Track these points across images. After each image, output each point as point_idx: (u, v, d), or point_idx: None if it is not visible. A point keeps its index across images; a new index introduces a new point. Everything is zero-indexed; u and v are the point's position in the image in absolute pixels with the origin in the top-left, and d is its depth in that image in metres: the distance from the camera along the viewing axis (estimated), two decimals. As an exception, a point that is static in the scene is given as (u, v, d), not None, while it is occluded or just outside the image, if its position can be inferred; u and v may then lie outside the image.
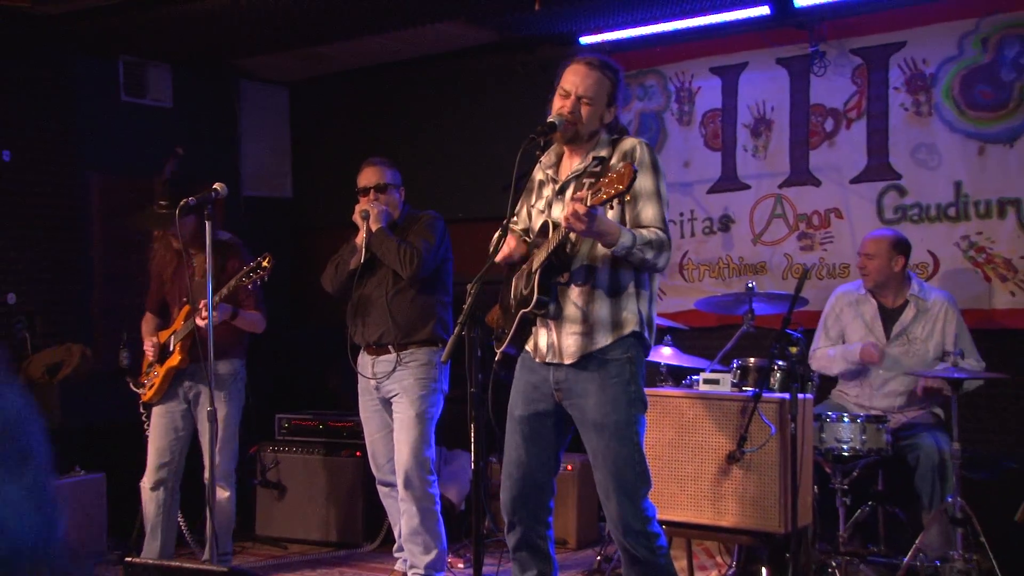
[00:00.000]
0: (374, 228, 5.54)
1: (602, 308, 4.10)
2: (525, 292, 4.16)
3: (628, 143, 4.19)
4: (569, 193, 4.14)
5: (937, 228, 6.38)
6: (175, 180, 5.25)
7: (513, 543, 4.35)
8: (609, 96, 4.19)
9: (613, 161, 4.12)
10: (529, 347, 4.28)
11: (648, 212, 4.06)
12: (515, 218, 4.50)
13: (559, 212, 4.13)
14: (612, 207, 3.97)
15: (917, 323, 5.77)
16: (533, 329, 4.25)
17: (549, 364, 4.19)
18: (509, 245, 4.19)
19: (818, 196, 6.78)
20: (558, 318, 4.13)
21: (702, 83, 7.22)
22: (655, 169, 4.10)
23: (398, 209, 5.74)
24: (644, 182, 4.04)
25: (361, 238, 5.61)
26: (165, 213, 5.20)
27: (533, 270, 4.13)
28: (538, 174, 4.43)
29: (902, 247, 5.80)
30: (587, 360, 4.08)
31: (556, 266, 4.09)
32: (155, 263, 6.02)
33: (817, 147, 6.81)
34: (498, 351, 4.27)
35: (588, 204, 3.72)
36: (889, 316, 5.85)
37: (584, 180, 4.02)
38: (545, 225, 4.17)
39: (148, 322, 6.13)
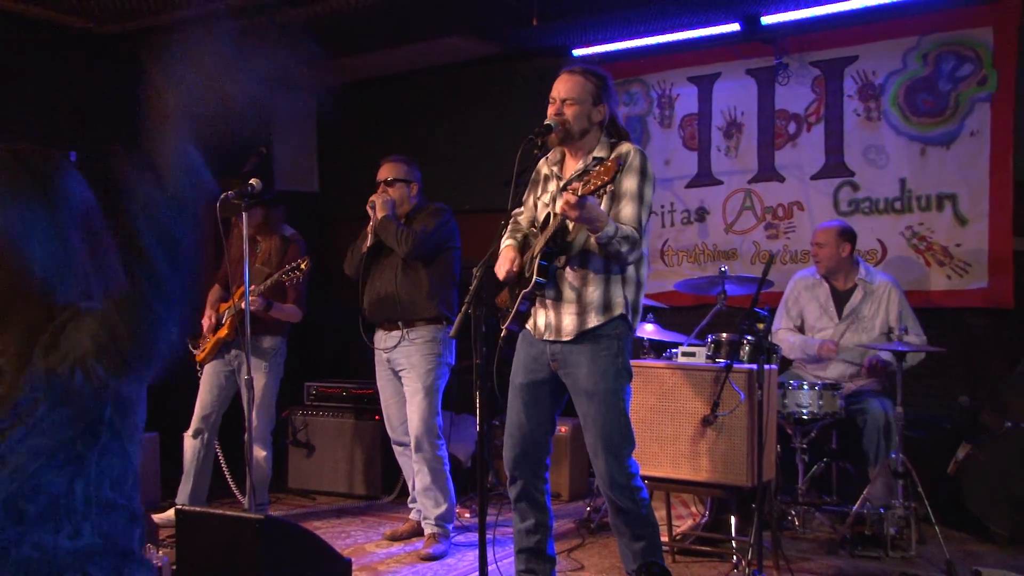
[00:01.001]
0: (379, 216, 5.58)
1: (595, 292, 4.13)
2: (526, 275, 4.21)
3: (625, 147, 4.19)
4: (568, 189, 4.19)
5: (885, 219, 6.47)
6: (250, 175, 5.34)
7: (514, 495, 4.39)
8: (594, 96, 4.19)
9: (608, 160, 4.16)
10: (529, 325, 4.30)
11: (627, 211, 4.09)
12: (521, 208, 4.53)
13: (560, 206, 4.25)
14: (600, 198, 4.03)
15: (865, 303, 5.86)
16: (533, 309, 4.28)
17: (546, 341, 4.23)
18: (509, 259, 4.22)
19: (782, 191, 6.86)
20: (557, 300, 4.16)
21: (681, 91, 7.28)
22: (642, 174, 4.12)
23: (408, 201, 5.72)
24: (629, 184, 4.09)
25: (371, 227, 5.67)
26: (235, 203, 5.21)
27: (534, 255, 4.18)
28: (544, 169, 4.44)
29: (848, 235, 5.90)
30: (581, 337, 4.12)
31: (554, 251, 4.13)
32: (231, 245, 5.96)
33: (781, 147, 6.89)
34: (503, 328, 4.32)
35: (579, 193, 3.79)
36: (840, 298, 5.93)
37: (583, 178, 4.08)
38: (548, 217, 4.23)
39: (214, 292, 6.19)
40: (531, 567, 4.44)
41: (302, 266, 5.69)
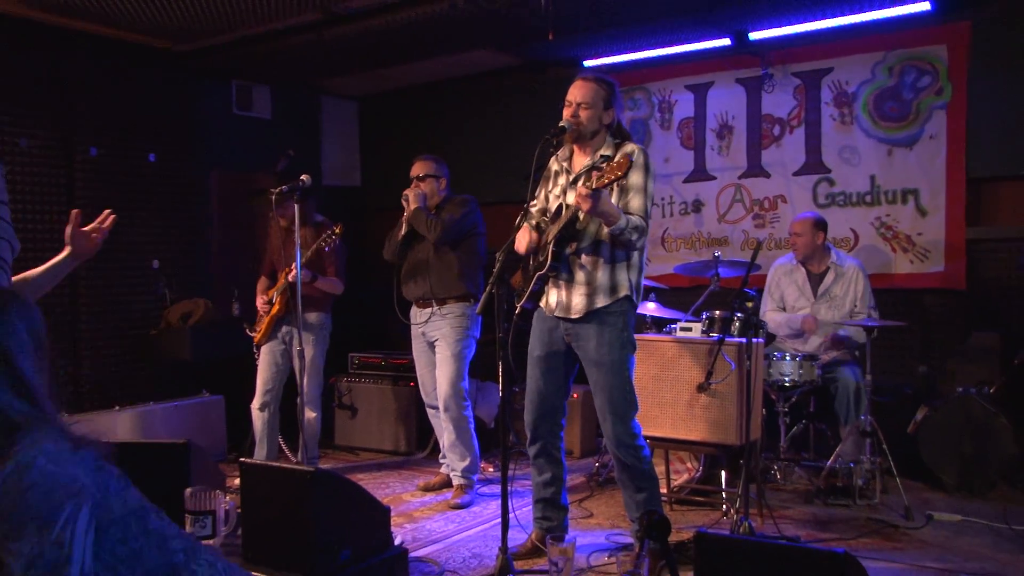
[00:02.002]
0: (411, 207, 5.61)
1: (603, 275, 4.17)
2: (541, 259, 4.25)
3: (630, 147, 4.20)
4: (580, 183, 4.18)
5: (857, 211, 6.48)
6: (285, 173, 5.42)
7: (534, 452, 4.46)
8: (604, 101, 4.22)
9: (615, 160, 4.09)
10: (542, 304, 4.35)
11: (635, 202, 4.11)
12: (535, 200, 4.50)
13: (572, 198, 4.19)
14: (612, 191, 4.09)
15: (836, 284, 5.86)
16: (546, 288, 4.33)
17: (558, 318, 4.28)
18: (529, 237, 4.24)
19: (768, 185, 6.85)
20: (569, 281, 4.21)
21: (679, 97, 7.26)
22: (647, 170, 4.15)
23: (437, 194, 5.72)
24: (636, 179, 4.12)
25: (405, 217, 5.67)
26: (275, 197, 5.31)
27: (548, 241, 4.22)
28: (554, 165, 4.44)
29: (821, 225, 5.92)
30: (589, 315, 4.17)
31: (566, 237, 4.18)
32: (270, 238, 6.09)
33: (767, 147, 6.87)
34: (518, 306, 4.34)
35: (593, 186, 3.86)
36: (815, 280, 5.93)
37: (592, 173, 4.11)
38: (560, 208, 4.26)
39: (261, 283, 6.18)
40: (547, 515, 4.52)
41: (336, 231, 5.72)
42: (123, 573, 1.71)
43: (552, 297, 4.30)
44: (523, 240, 4.29)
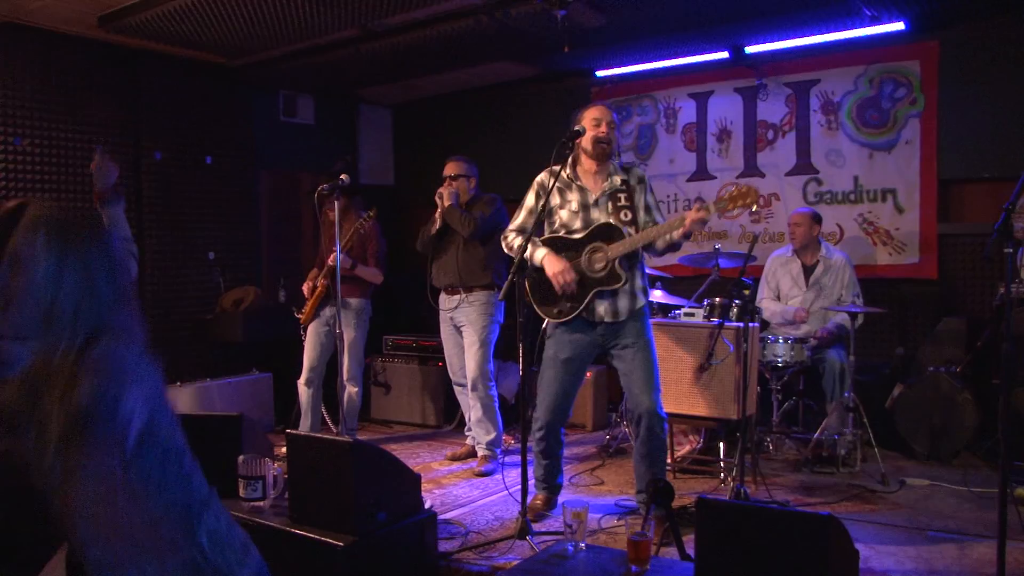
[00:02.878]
0: (445, 204, 5.61)
1: (638, 279, 4.32)
2: (603, 276, 4.25)
3: (637, 171, 4.42)
4: (606, 205, 4.29)
5: (842, 208, 6.47)
6: (337, 172, 5.45)
7: (545, 441, 4.53)
8: (617, 126, 4.46)
9: (632, 183, 4.37)
10: (584, 314, 4.33)
11: (659, 216, 4.38)
12: (533, 217, 4.44)
13: (597, 215, 4.32)
14: (629, 210, 4.27)
15: (826, 275, 5.85)
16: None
17: (606, 323, 4.32)
18: (566, 270, 4.22)
19: (763, 184, 6.80)
20: (616, 292, 4.27)
21: (682, 104, 7.23)
22: (652, 188, 4.42)
23: (467, 192, 5.72)
24: (652, 198, 4.39)
25: (439, 213, 5.67)
26: (317, 195, 5.34)
27: (610, 258, 4.23)
28: (550, 182, 4.38)
29: (817, 219, 5.92)
30: (631, 314, 4.32)
31: (631, 254, 4.26)
32: (323, 227, 6.07)
33: (762, 150, 6.85)
34: (561, 319, 4.33)
35: (713, 211, 4.02)
36: (807, 270, 5.92)
37: (619, 195, 4.29)
38: (608, 225, 4.27)
39: (313, 272, 6.12)
40: (550, 483, 4.64)
41: (370, 214, 5.76)
42: (149, 490, 1.67)
43: (601, 307, 4.31)
44: (556, 267, 4.27)
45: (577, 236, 4.36)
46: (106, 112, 6.58)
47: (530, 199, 4.53)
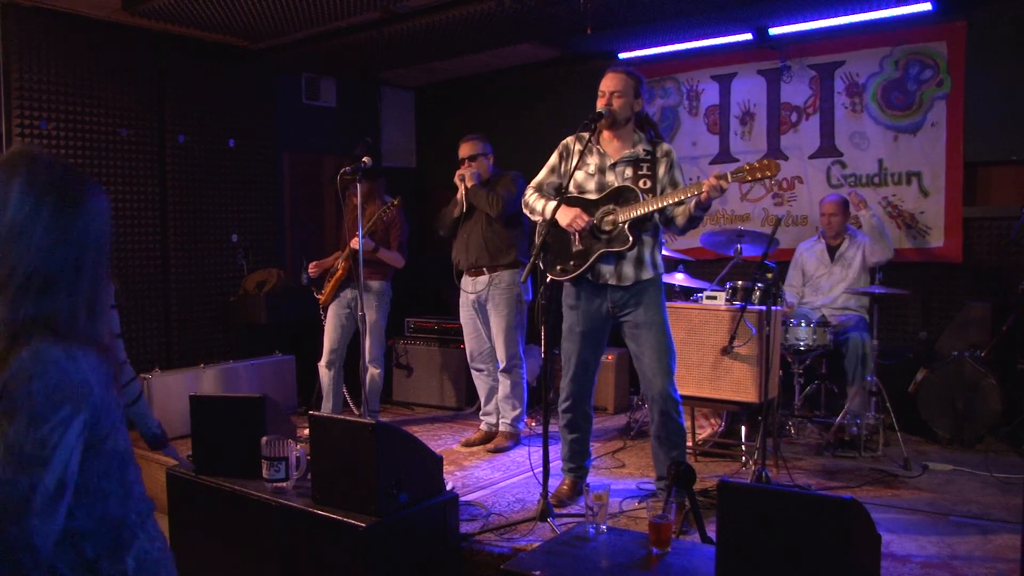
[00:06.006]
0: (468, 185, 5.61)
1: (648, 251, 4.23)
2: (614, 237, 4.22)
3: (666, 146, 4.30)
4: (623, 170, 4.24)
5: (866, 191, 6.38)
6: (359, 155, 5.45)
7: (570, 413, 4.50)
8: (634, 91, 4.23)
9: (657, 156, 4.25)
10: (588, 276, 4.30)
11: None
12: (556, 176, 4.49)
13: (612, 179, 4.25)
14: (649, 179, 4.18)
15: (849, 249, 5.86)
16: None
17: (607, 286, 4.28)
18: (578, 215, 4.19)
19: (786, 167, 6.75)
20: (622, 255, 4.22)
21: (705, 86, 7.20)
22: (680, 167, 4.30)
23: (488, 171, 5.72)
24: (679, 175, 4.26)
25: (461, 194, 5.65)
26: (349, 177, 5.31)
27: (619, 221, 4.19)
28: (575, 145, 4.39)
29: (847, 206, 5.93)
30: (638, 285, 4.23)
31: (642, 219, 4.18)
32: (347, 210, 6.01)
33: (785, 132, 6.80)
34: (564, 277, 4.30)
35: (730, 181, 3.91)
36: (832, 249, 5.93)
37: (641, 164, 4.22)
38: (625, 188, 4.22)
39: (336, 254, 6.17)
40: (576, 463, 4.60)
41: (394, 202, 5.76)
42: (85, 504, 1.58)
43: (606, 269, 4.28)
44: (568, 216, 4.26)
45: (590, 197, 4.33)
46: (130, 95, 6.63)
47: (553, 158, 4.54)
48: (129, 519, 1.66)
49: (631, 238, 4.17)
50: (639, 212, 4.14)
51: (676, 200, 4.09)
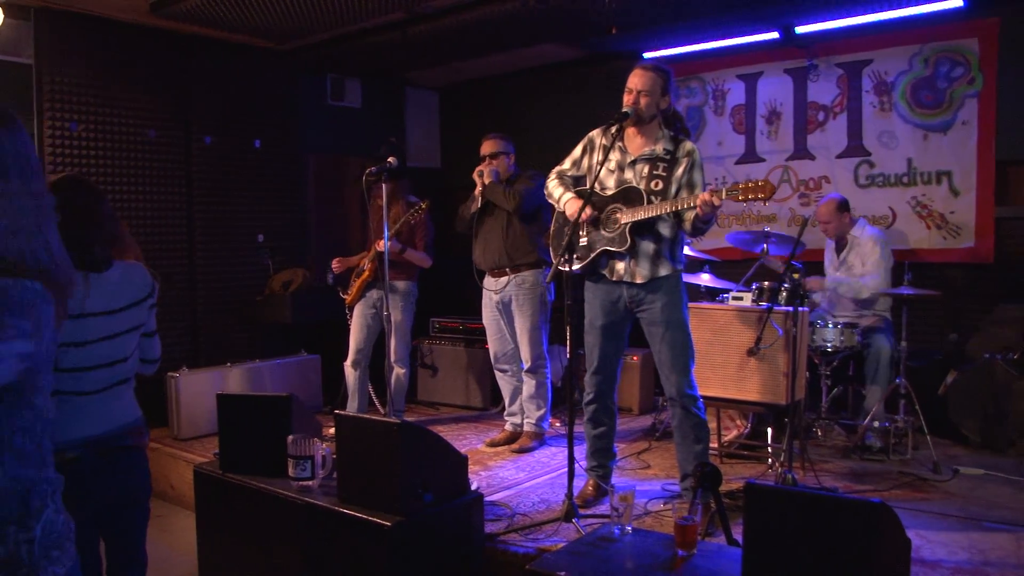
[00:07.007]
0: (486, 182, 5.60)
1: (665, 249, 4.19)
2: (614, 236, 4.22)
3: (689, 145, 4.22)
4: (642, 169, 4.21)
5: (895, 191, 6.37)
6: (383, 156, 5.47)
7: (593, 407, 4.48)
8: (662, 88, 4.19)
9: (678, 155, 4.19)
10: (605, 272, 4.29)
11: None
12: (575, 168, 4.51)
13: (630, 176, 4.23)
14: (662, 180, 4.12)
15: (850, 253, 5.81)
16: (607, 260, 4.30)
17: (622, 282, 4.26)
18: (581, 206, 4.14)
19: (813, 167, 6.76)
20: (636, 254, 4.20)
21: (731, 86, 7.19)
22: (702, 168, 4.22)
23: (508, 169, 5.70)
24: (698, 176, 4.17)
25: (478, 191, 5.66)
26: (372, 178, 5.32)
27: (621, 223, 4.19)
28: (599, 139, 4.40)
29: (844, 206, 5.85)
30: (654, 282, 4.20)
31: (644, 223, 4.17)
32: (372, 210, 6.04)
33: (812, 132, 6.77)
34: (567, 268, 4.19)
35: (723, 198, 3.84)
36: (839, 247, 5.93)
37: (658, 163, 4.18)
38: (632, 188, 4.21)
39: (363, 252, 6.18)
40: (601, 462, 4.57)
41: (422, 205, 5.76)
42: (4, 456, 1.57)
43: (620, 266, 4.27)
44: (574, 207, 4.27)
45: (607, 193, 4.31)
46: (157, 97, 6.69)
47: (577, 150, 4.54)
48: (41, 487, 1.64)
49: (629, 241, 4.17)
50: (639, 216, 4.14)
51: (672, 210, 4.08)
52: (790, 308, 4.81)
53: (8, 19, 5.70)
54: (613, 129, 4.26)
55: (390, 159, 5.25)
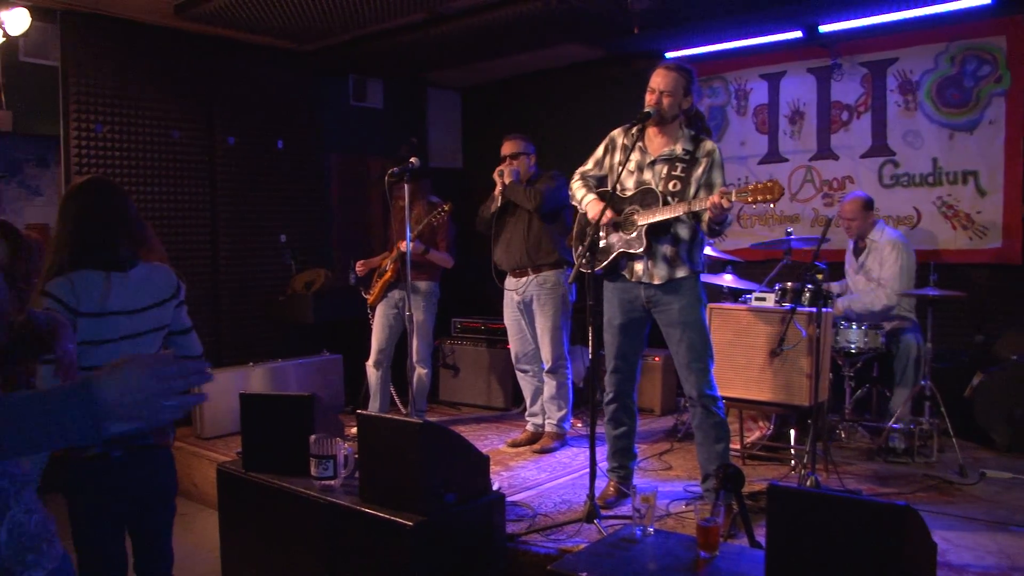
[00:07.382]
0: (507, 182, 5.61)
1: (683, 251, 4.18)
2: (631, 239, 4.22)
3: (709, 145, 4.20)
4: (661, 169, 4.20)
5: (920, 191, 6.33)
6: (405, 157, 5.49)
7: (613, 407, 4.48)
8: (684, 89, 4.18)
9: (698, 156, 4.18)
10: (625, 272, 4.29)
11: None
12: (597, 168, 4.49)
13: (648, 176, 4.23)
14: (680, 181, 4.12)
15: (868, 257, 5.77)
16: (626, 261, 4.30)
17: (640, 283, 4.25)
18: (603, 209, 4.13)
19: (837, 167, 6.73)
20: (654, 255, 4.20)
21: (754, 85, 7.17)
22: (723, 168, 4.19)
23: (528, 170, 5.72)
24: (719, 177, 4.16)
25: (498, 191, 5.66)
26: (387, 179, 5.34)
27: (638, 224, 4.19)
28: (621, 138, 4.40)
29: (869, 205, 5.81)
30: (672, 283, 4.19)
31: (661, 226, 4.17)
32: (394, 211, 6.01)
33: (836, 132, 6.74)
34: (586, 269, 4.19)
35: (733, 199, 3.83)
36: (858, 250, 5.89)
37: (677, 163, 4.17)
38: (648, 190, 4.21)
39: (385, 252, 6.21)
40: (622, 463, 4.57)
41: (445, 208, 5.78)
42: None
43: (638, 267, 4.27)
44: (596, 209, 4.25)
45: (626, 195, 4.32)
46: (181, 99, 6.75)
47: (599, 151, 4.53)
48: (1, 484, 1.56)
49: (645, 242, 4.17)
50: (654, 219, 4.14)
51: (685, 212, 4.07)
52: (813, 309, 4.77)
53: (35, 22, 5.76)
54: (634, 129, 4.25)
55: (412, 159, 5.26)
